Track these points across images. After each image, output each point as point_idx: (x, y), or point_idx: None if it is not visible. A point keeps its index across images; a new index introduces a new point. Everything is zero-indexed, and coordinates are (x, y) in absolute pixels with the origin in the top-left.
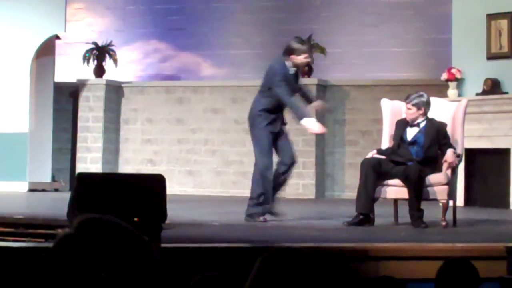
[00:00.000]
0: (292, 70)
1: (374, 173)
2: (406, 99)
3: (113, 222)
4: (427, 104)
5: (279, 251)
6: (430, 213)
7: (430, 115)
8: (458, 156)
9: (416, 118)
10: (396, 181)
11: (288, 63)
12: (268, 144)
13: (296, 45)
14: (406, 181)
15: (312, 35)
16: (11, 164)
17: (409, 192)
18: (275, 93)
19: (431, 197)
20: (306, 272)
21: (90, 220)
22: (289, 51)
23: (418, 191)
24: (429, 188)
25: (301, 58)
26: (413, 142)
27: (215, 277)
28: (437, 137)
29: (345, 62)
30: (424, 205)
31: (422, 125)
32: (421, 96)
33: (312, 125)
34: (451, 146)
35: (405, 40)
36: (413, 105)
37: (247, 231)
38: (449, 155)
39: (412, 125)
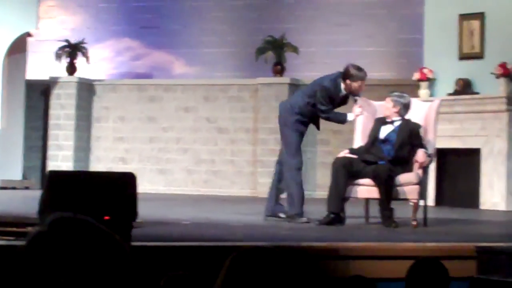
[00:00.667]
0: (343, 93)
1: (346, 173)
2: (390, 92)
3: (85, 221)
4: (403, 106)
5: (249, 250)
6: (401, 212)
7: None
8: (429, 156)
9: (390, 116)
10: (367, 181)
11: (342, 86)
12: (299, 144)
13: (354, 71)
14: (376, 180)
15: (285, 34)
16: None
17: (380, 192)
18: (316, 106)
19: (401, 196)
20: (276, 271)
21: (62, 219)
22: (346, 76)
23: (388, 191)
24: (399, 188)
25: (355, 85)
26: (385, 140)
27: (185, 276)
28: (410, 137)
29: (317, 61)
30: (395, 204)
31: (396, 124)
32: (402, 97)
33: (353, 116)
34: (423, 147)
35: (377, 39)
36: (392, 100)
37: (217, 230)
38: (420, 155)
39: (387, 122)
